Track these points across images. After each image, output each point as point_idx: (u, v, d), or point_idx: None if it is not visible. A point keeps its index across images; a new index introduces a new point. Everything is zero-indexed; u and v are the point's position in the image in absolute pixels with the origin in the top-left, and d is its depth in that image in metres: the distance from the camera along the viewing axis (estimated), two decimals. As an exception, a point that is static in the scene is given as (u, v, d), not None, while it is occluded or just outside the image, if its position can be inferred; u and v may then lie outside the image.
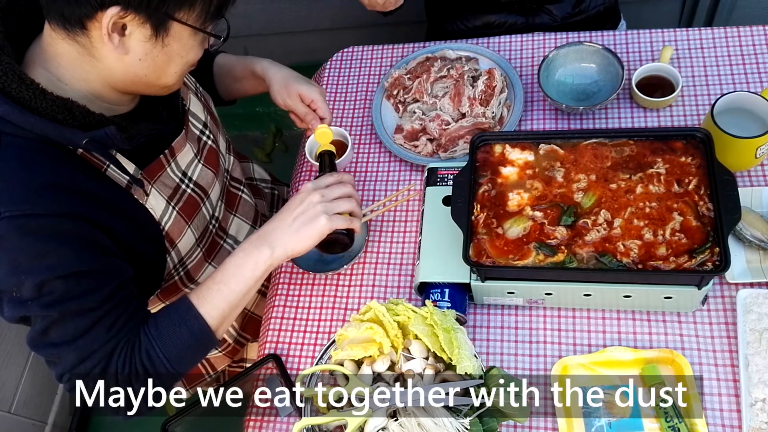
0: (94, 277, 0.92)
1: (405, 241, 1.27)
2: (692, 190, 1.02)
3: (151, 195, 1.04)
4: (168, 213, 1.07)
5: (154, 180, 1.04)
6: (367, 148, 1.40)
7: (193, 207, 1.14)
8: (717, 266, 0.94)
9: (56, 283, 0.88)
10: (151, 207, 1.04)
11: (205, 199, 1.18)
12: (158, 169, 1.05)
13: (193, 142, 1.14)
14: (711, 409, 1.00)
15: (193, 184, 1.13)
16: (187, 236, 1.14)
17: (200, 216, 1.17)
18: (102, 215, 0.94)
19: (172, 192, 1.08)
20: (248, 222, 1.35)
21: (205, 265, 1.24)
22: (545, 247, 1.02)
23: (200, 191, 1.16)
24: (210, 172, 1.18)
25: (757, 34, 1.34)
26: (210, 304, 1.00)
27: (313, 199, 1.04)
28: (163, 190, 1.06)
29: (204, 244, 1.21)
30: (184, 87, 1.15)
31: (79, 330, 0.92)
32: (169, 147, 1.07)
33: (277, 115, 2.64)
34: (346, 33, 2.39)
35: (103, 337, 0.93)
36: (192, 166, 1.13)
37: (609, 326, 1.10)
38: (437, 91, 1.40)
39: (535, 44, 1.47)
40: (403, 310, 0.97)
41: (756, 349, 1.00)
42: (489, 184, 1.11)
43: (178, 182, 1.10)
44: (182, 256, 1.15)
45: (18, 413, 1.91)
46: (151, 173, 1.04)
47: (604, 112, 1.32)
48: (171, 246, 1.11)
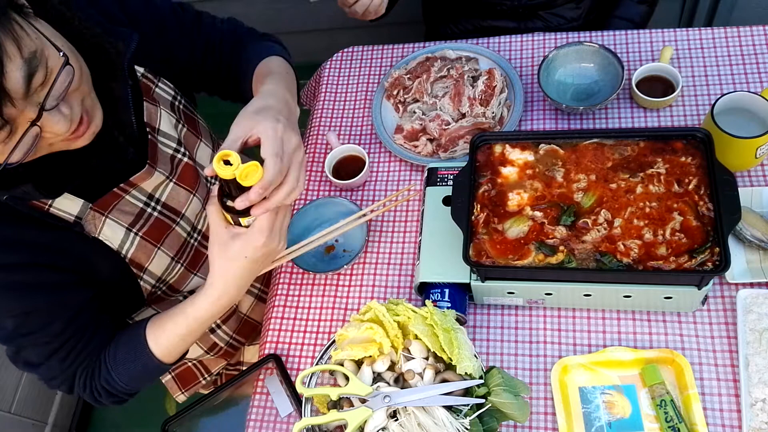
0: (41, 315, 0.96)
1: (405, 241, 1.27)
2: (692, 190, 1.02)
3: (106, 226, 1.01)
4: (129, 240, 1.05)
5: (108, 210, 1.01)
6: (367, 148, 1.40)
7: (160, 230, 1.10)
8: (717, 266, 0.94)
9: (7, 321, 0.94)
10: (106, 238, 1.01)
11: (178, 219, 1.14)
12: (113, 199, 1.01)
13: (165, 163, 1.08)
14: (711, 409, 1.00)
15: (161, 206, 1.10)
16: (159, 258, 1.11)
17: (173, 236, 1.13)
18: (44, 257, 0.95)
19: (133, 219, 1.05)
20: None
21: (190, 276, 1.22)
22: (545, 246, 1.02)
23: (170, 212, 1.12)
24: (183, 190, 1.13)
25: (757, 34, 1.34)
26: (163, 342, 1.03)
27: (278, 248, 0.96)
28: (121, 218, 1.03)
29: (184, 260, 1.18)
30: (152, 105, 1.08)
31: (41, 358, 1.00)
32: (126, 180, 1.02)
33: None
34: (346, 33, 2.39)
35: (59, 365, 1.01)
36: (161, 188, 1.09)
37: (609, 326, 1.10)
38: (437, 91, 1.40)
39: (535, 44, 1.47)
40: (403, 310, 0.97)
41: (756, 349, 1.00)
42: (489, 184, 1.11)
43: (143, 206, 1.06)
44: (159, 275, 1.14)
45: (18, 413, 1.91)
46: (105, 205, 1.00)
47: (604, 112, 1.32)
48: (140, 270, 1.09)
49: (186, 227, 1.17)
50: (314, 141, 1.46)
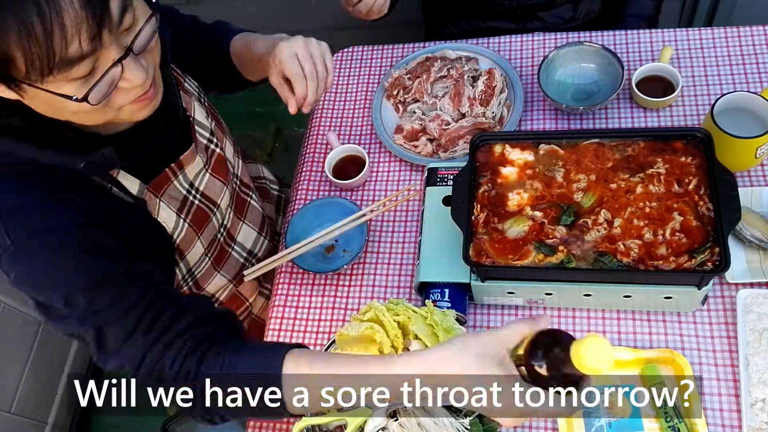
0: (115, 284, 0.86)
1: (405, 241, 1.27)
2: (692, 190, 1.02)
3: (161, 209, 1.01)
4: (180, 225, 1.06)
5: (161, 193, 1.01)
6: (367, 148, 1.39)
7: (203, 218, 1.12)
8: (717, 266, 0.94)
9: (78, 298, 0.84)
10: (164, 220, 1.02)
11: (215, 210, 1.15)
12: (164, 181, 1.02)
13: (202, 152, 1.10)
14: (711, 409, 1.00)
15: (200, 195, 1.11)
16: (197, 247, 1.12)
17: (210, 227, 1.15)
18: (116, 226, 0.91)
19: (180, 204, 1.06)
20: (255, 228, 1.32)
21: (213, 274, 1.23)
22: (545, 246, 1.02)
23: (208, 202, 1.13)
24: (218, 181, 1.15)
25: (757, 34, 1.34)
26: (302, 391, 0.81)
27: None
28: (171, 202, 1.03)
29: (212, 254, 1.20)
30: (186, 95, 1.09)
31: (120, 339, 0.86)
32: (176, 160, 1.03)
33: (277, 115, 2.64)
34: (346, 33, 2.38)
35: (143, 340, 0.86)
36: (199, 177, 1.10)
37: (609, 326, 1.10)
38: (437, 91, 1.40)
39: (535, 44, 1.47)
40: (403, 310, 0.97)
41: (756, 349, 1.00)
42: (489, 184, 1.11)
43: (186, 194, 1.07)
44: (190, 266, 1.14)
45: (18, 413, 1.91)
46: (157, 187, 1.00)
47: (604, 112, 1.32)
48: (180, 258, 1.10)
49: (219, 219, 1.18)
50: (314, 141, 1.46)
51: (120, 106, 0.84)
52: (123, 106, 0.84)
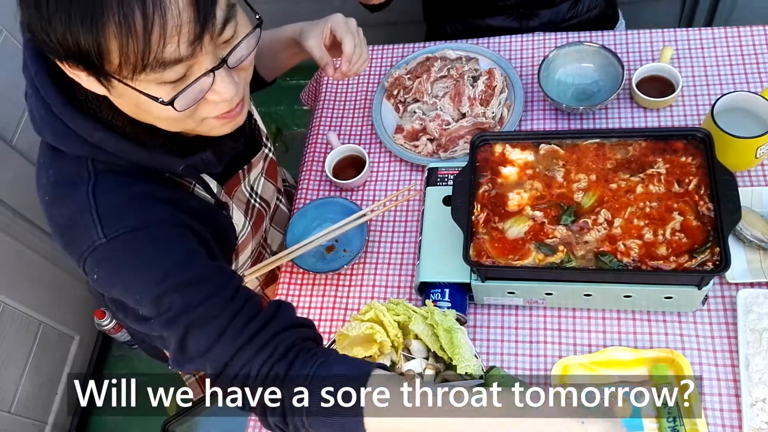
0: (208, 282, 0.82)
1: (405, 241, 1.27)
2: (692, 190, 1.02)
3: (234, 211, 1.03)
4: (246, 227, 1.07)
5: (232, 195, 1.03)
6: (368, 148, 1.39)
7: (260, 221, 1.13)
8: (717, 266, 0.94)
9: (174, 296, 0.79)
10: (236, 222, 1.04)
11: (269, 212, 1.16)
12: (236, 183, 1.03)
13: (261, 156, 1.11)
14: (711, 409, 1.00)
15: (258, 198, 1.13)
16: (246, 251, 1.14)
17: (262, 229, 1.16)
18: (200, 226, 0.90)
19: (245, 206, 1.07)
20: (281, 231, 1.34)
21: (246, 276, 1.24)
22: (545, 246, 1.02)
23: (264, 204, 1.15)
24: (271, 185, 1.17)
25: (757, 34, 1.34)
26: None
27: None
28: (239, 205, 1.05)
29: (253, 255, 1.22)
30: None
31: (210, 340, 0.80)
32: (248, 163, 1.04)
33: (278, 115, 2.64)
34: (346, 33, 2.38)
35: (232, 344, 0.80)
36: (257, 180, 1.12)
37: (609, 326, 1.10)
38: (437, 91, 1.40)
39: (535, 44, 1.47)
40: (403, 309, 0.97)
41: (756, 349, 1.00)
42: (489, 184, 1.11)
43: (248, 197, 1.09)
44: (238, 267, 1.15)
45: (18, 413, 1.91)
46: (230, 188, 1.02)
47: (604, 112, 1.32)
48: (235, 258, 1.11)
49: (267, 222, 1.19)
50: (314, 141, 1.46)
51: (203, 118, 0.82)
52: (206, 119, 0.82)
